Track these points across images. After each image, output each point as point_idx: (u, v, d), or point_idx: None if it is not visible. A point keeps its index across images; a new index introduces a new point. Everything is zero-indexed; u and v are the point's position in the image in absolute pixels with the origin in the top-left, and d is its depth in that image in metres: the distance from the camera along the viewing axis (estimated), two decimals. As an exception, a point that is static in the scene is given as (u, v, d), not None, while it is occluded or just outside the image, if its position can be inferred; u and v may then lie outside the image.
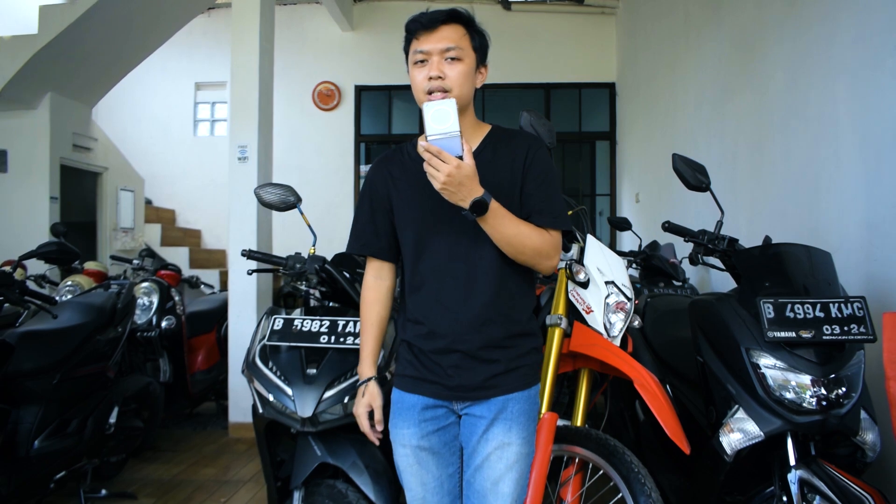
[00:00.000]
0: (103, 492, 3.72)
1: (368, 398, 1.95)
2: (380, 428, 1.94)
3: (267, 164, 5.48)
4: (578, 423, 2.40)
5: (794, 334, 2.21)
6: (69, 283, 4.81)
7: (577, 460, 2.26)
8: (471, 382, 1.88)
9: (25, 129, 6.79)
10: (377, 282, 2.04)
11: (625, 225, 4.81)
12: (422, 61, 1.88)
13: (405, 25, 1.95)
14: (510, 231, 1.82)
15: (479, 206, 1.72)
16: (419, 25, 1.90)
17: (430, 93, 1.85)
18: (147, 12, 6.75)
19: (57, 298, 3.95)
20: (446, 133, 1.68)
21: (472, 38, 1.94)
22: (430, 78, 1.85)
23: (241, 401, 5.14)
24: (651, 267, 4.46)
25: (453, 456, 1.96)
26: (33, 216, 6.70)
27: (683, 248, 4.45)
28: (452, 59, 1.88)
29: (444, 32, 1.89)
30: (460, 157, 1.67)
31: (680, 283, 4.36)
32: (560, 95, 9.27)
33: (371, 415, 1.98)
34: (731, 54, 4.79)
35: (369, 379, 1.97)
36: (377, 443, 1.98)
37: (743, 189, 4.43)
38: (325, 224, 2.54)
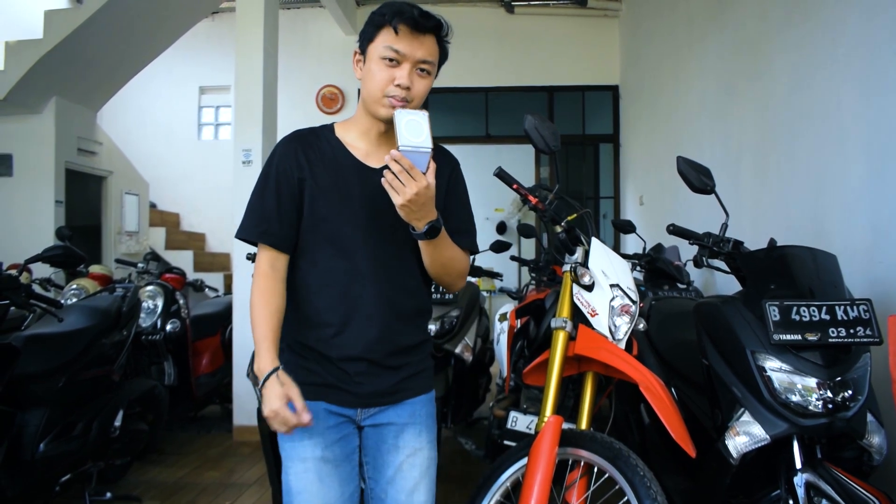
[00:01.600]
0: (108, 494, 3.72)
1: (285, 389, 1.67)
2: (307, 417, 1.67)
3: (271, 168, 5.48)
4: (583, 426, 2.40)
5: (799, 337, 2.21)
6: (74, 286, 4.82)
7: (582, 464, 2.25)
8: (381, 388, 1.83)
9: (31, 134, 6.81)
10: (274, 272, 1.82)
11: (629, 228, 4.80)
12: (393, 60, 1.75)
13: (378, 13, 1.78)
14: (448, 254, 1.84)
15: (434, 231, 1.71)
16: (408, 23, 1.74)
17: (389, 97, 1.76)
18: (151, 17, 6.78)
19: (62, 302, 3.95)
20: (419, 147, 1.61)
21: (441, 53, 1.86)
22: (399, 85, 1.75)
23: (245, 404, 5.15)
24: (655, 270, 4.45)
25: (354, 471, 1.85)
26: (38, 220, 6.72)
27: (688, 251, 4.44)
28: (423, 71, 1.80)
29: (427, 42, 1.79)
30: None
31: (684, 286, 4.35)
32: (563, 98, 9.27)
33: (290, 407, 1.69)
34: (734, 56, 4.79)
35: (275, 370, 1.70)
36: (311, 423, 1.69)
37: (747, 191, 4.43)
38: (329, 227, 2.54)
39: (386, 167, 1.62)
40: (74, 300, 4.52)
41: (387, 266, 1.83)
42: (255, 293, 1.79)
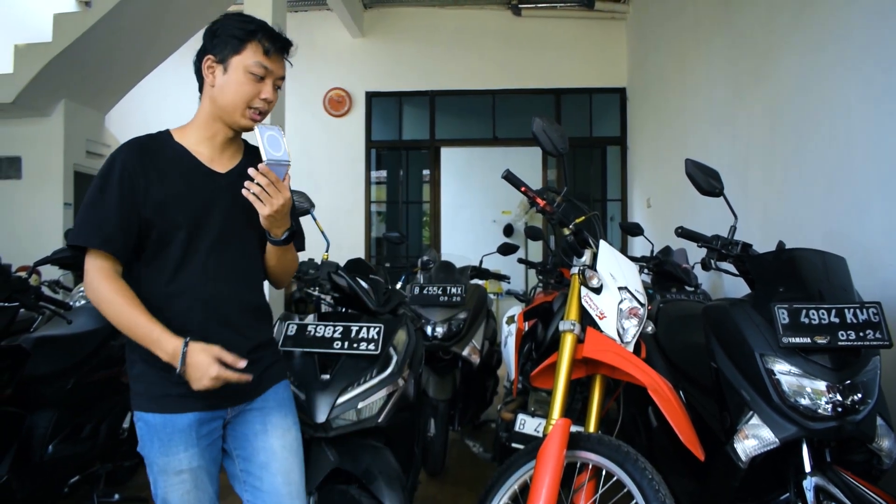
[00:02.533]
0: (116, 496, 3.72)
1: (210, 351, 1.70)
2: (242, 363, 1.73)
3: (279, 170, 5.50)
4: (591, 429, 2.39)
5: (809, 340, 2.20)
6: (83, 288, 4.82)
7: (590, 466, 2.25)
8: (247, 384, 1.83)
9: (39, 136, 6.84)
10: (117, 276, 1.79)
11: (637, 230, 4.79)
12: (260, 77, 1.85)
13: (242, 29, 1.86)
14: (290, 256, 2.00)
15: (291, 236, 1.88)
16: (276, 45, 1.86)
17: (252, 109, 1.86)
18: (160, 20, 6.80)
19: (71, 304, 3.96)
20: (280, 161, 1.76)
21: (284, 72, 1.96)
22: (264, 99, 1.86)
23: None
24: (663, 272, 4.43)
25: (217, 472, 1.90)
26: (47, 222, 6.74)
27: (695, 254, 4.43)
28: (277, 87, 1.91)
29: (283, 61, 1.91)
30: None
31: (692, 289, 4.33)
32: (570, 100, 9.26)
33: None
34: (742, 58, 4.78)
35: (186, 341, 1.71)
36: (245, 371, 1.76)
37: (755, 194, 4.41)
38: (334, 229, 2.55)
39: (238, 172, 1.80)
40: (83, 302, 4.53)
41: (237, 268, 1.90)
42: (109, 295, 1.75)
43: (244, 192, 1.75)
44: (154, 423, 1.81)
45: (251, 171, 1.74)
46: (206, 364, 1.69)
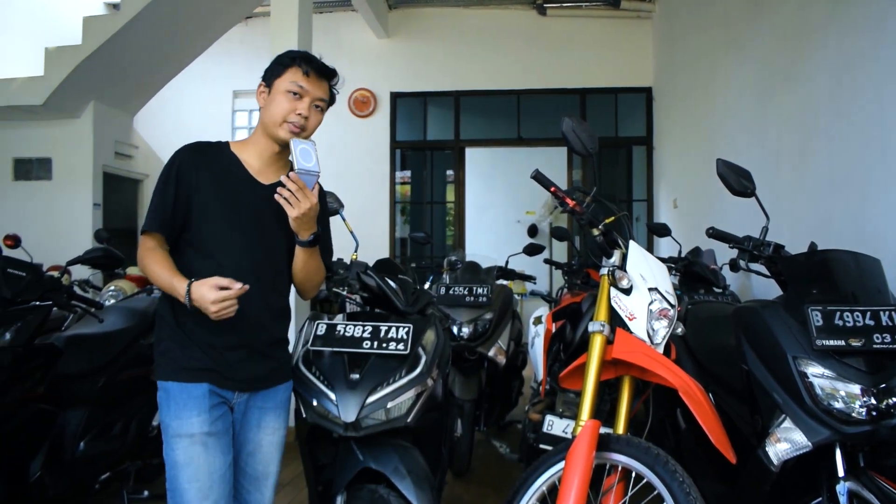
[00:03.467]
0: (146, 493, 3.75)
1: (208, 282, 1.93)
2: (238, 284, 1.94)
3: (305, 170, 5.52)
4: (621, 430, 2.37)
5: (843, 343, 2.17)
6: (112, 287, 4.89)
7: (619, 468, 2.23)
8: (256, 374, 2.15)
9: (69, 138, 6.95)
10: (158, 246, 2.11)
11: (664, 231, 4.76)
12: (297, 94, 2.12)
13: (287, 56, 2.17)
14: (315, 263, 2.22)
15: (317, 240, 2.12)
16: (313, 68, 2.14)
17: (289, 123, 2.12)
18: (187, 22, 6.86)
19: (101, 302, 4.01)
20: (310, 171, 2.00)
21: (331, 97, 2.26)
22: (299, 114, 2.12)
23: None
24: (691, 273, 4.40)
25: (230, 443, 2.13)
26: (77, 222, 6.83)
27: (724, 255, 4.39)
28: (317, 107, 2.19)
29: (324, 85, 2.20)
30: None
31: (720, 290, 4.30)
32: (596, 100, 9.21)
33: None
34: (772, 57, 4.73)
35: (190, 282, 1.96)
36: (248, 288, 1.97)
37: (786, 195, 4.36)
38: (359, 229, 2.56)
39: (280, 184, 1.99)
40: (112, 301, 4.58)
41: (265, 268, 2.15)
42: (148, 260, 2.05)
43: (276, 196, 1.99)
44: (172, 390, 2.07)
45: (282, 177, 1.99)
46: (206, 293, 1.92)
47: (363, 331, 2.33)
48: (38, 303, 3.20)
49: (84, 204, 6.95)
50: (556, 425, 2.92)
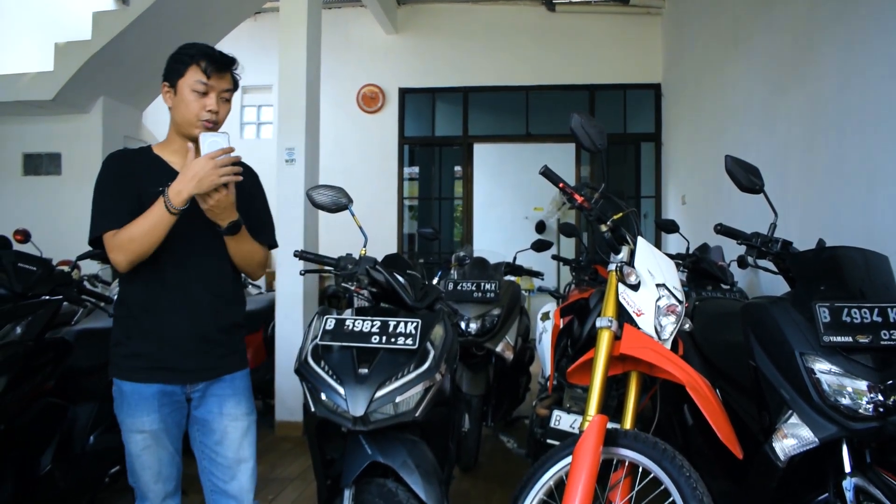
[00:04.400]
0: (155, 487, 3.78)
1: (189, 168, 2.04)
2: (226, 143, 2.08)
3: (314, 166, 5.55)
4: (628, 425, 2.38)
5: (850, 339, 2.18)
6: (122, 282, 4.90)
7: (626, 463, 2.23)
8: (209, 363, 2.25)
9: (78, 133, 6.97)
10: None
11: (672, 227, 4.76)
12: (203, 92, 2.18)
13: (185, 55, 2.20)
14: (247, 247, 2.29)
15: (235, 227, 2.17)
16: (213, 64, 2.18)
17: (202, 121, 2.19)
18: (196, 17, 6.87)
19: (111, 297, 4.03)
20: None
21: (234, 84, 2.31)
22: (210, 111, 2.18)
23: (287, 400, 5.20)
24: (699, 270, 4.40)
25: (180, 433, 2.27)
26: (87, 218, 6.74)
27: (732, 252, 4.39)
28: (225, 99, 2.25)
29: (227, 75, 2.24)
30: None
31: (728, 287, 4.30)
32: (604, 97, 9.21)
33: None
34: (781, 53, 4.72)
35: (161, 190, 2.06)
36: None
37: (795, 191, 4.36)
38: (369, 224, 2.57)
39: None
40: (122, 296, 4.60)
41: (206, 257, 2.24)
42: (122, 232, 2.08)
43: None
44: (126, 390, 2.19)
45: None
46: (196, 166, 2.03)
47: (372, 325, 2.34)
48: (48, 297, 3.23)
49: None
50: (563, 420, 2.93)
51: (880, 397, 2.15)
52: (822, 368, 2.21)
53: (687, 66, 7.65)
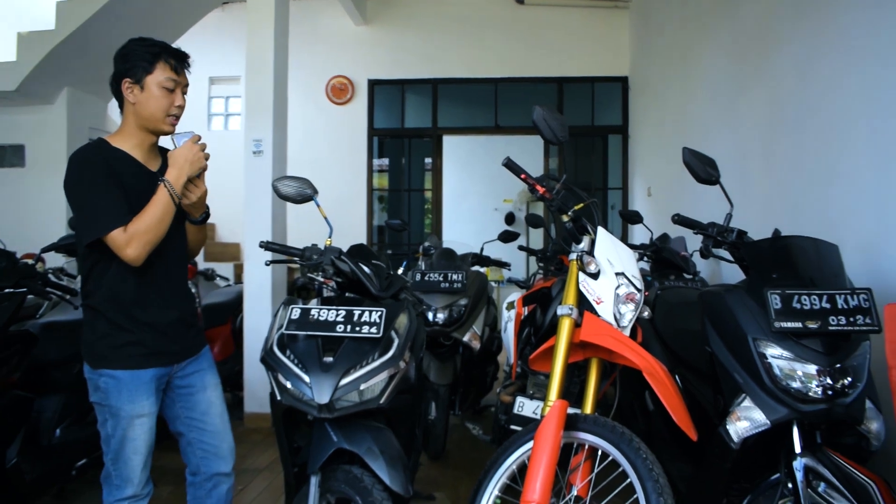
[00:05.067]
0: (123, 479, 3.78)
1: (179, 153, 2.29)
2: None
3: (281, 157, 5.55)
4: (588, 411, 2.44)
5: (800, 325, 2.25)
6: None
7: (586, 447, 2.30)
8: (190, 343, 2.46)
9: (43, 124, 6.88)
10: None
11: (636, 218, 4.84)
12: (171, 89, 2.29)
13: (149, 52, 2.29)
14: (204, 233, 2.59)
15: (206, 217, 2.45)
16: (179, 61, 2.32)
17: (170, 116, 2.33)
18: (162, 8, 6.81)
19: (77, 290, 4.02)
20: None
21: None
22: (178, 106, 2.32)
23: (256, 391, 5.21)
24: (662, 260, 4.48)
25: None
26: (51, 210, 6.78)
27: (695, 242, 4.47)
28: (184, 93, 2.37)
29: (186, 72, 2.37)
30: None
31: (691, 276, 4.38)
32: (573, 89, 9.28)
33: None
34: (744, 48, 4.81)
35: (161, 179, 2.24)
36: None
37: (755, 183, 4.45)
38: (336, 216, 2.60)
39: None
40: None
41: (177, 250, 2.42)
42: (132, 225, 2.18)
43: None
44: (123, 378, 2.28)
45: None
46: (185, 155, 2.25)
47: (337, 315, 2.37)
48: (12, 290, 3.21)
49: (58, 191, 6.73)
50: (526, 406, 2.99)
51: (829, 381, 2.23)
52: (774, 353, 2.29)
53: (653, 60, 7.74)
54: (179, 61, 2.31)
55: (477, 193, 12.40)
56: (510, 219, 12.35)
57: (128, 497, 2.32)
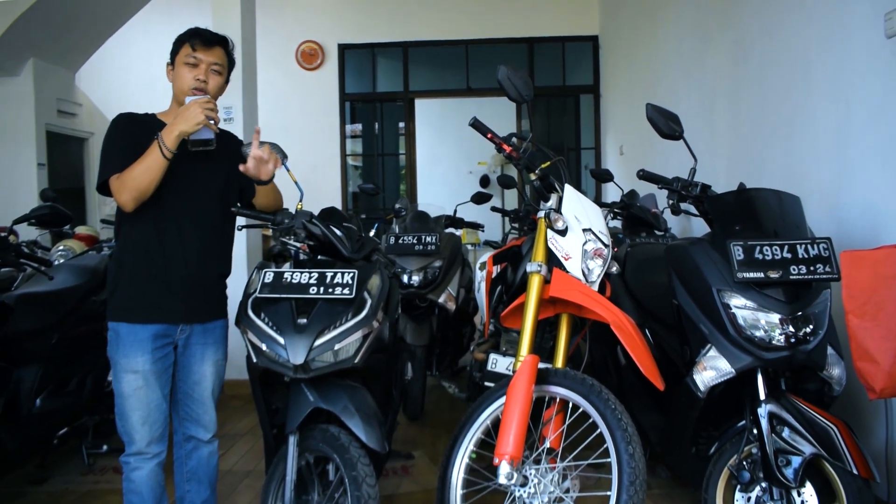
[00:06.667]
0: (104, 447, 3.82)
1: (180, 114, 2.30)
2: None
3: (252, 124, 5.50)
4: (559, 365, 2.50)
5: (762, 275, 2.32)
6: (61, 247, 4.86)
7: (557, 400, 2.35)
8: (202, 307, 2.51)
9: (9, 97, 6.78)
10: None
11: (606, 176, 4.88)
12: (193, 65, 2.44)
13: (178, 38, 2.48)
14: (274, 190, 2.60)
15: (271, 177, 2.50)
16: (200, 40, 2.45)
17: (193, 89, 2.41)
18: (126, -25, 6.71)
19: (51, 261, 4.01)
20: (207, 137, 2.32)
21: (229, 61, 2.55)
22: (198, 79, 2.43)
23: (235, 359, 5.15)
24: (633, 217, 4.53)
25: (169, 378, 2.49)
26: (22, 183, 6.71)
27: (666, 199, 4.53)
28: (215, 71, 2.48)
29: (216, 51, 2.48)
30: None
31: (662, 233, 4.44)
32: (543, 50, 9.24)
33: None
34: (709, 3, 4.83)
35: (157, 136, 2.28)
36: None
37: (721, 138, 4.51)
38: (311, 183, 2.62)
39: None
40: (61, 261, 4.57)
41: (202, 213, 2.48)
42: (125, 174, 2.29)
43: (250, 164, 2.39)
44: (121, 331, 2.39)
45: (255, 152, 2.39)
46: (181, 112, 2.29)
47: (310, 277, 2.39)
48: (-16, 262, 3.21)
49: (27, 164, 6.82)
50: (499, 363, 3.04)
51: (791, 328, 2.31)
52: (738, 304, 2.36)
53: (623, 18, 7.74)
54: (201, 40, 2.45)
55: (451, 157, 12.39)
56: (485, 181, 12.35)
57: (132, 454, 2.42)
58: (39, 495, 3.51)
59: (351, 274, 2.39)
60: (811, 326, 2.33)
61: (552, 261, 2.49)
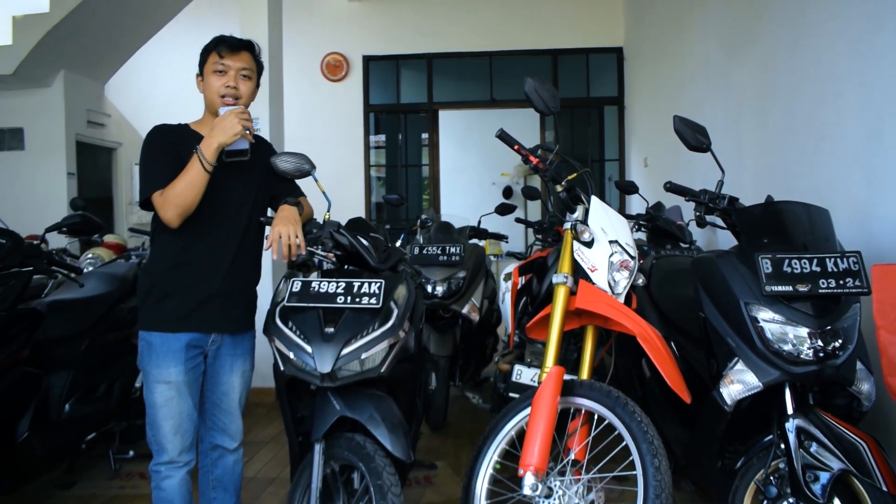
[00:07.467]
0: (131, 453, 3.87)
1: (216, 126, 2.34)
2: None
3: (278, 135, 5.56)
4: (584, 376, 2.49)
5: (790, 288, 2.29)
6: (90, 255, 4.93)
7: (582, 412, 2.35)
8: (234, 316, 2.54)
9: (40, 107, 6.91)
10: None
11: (631, 188, 4.87)
12: (222, 72, 2.46)
13: (205, 47, 2.51)
14: (306, 210, 2.68)
15: (297, 202, 2.55)
16: (226, 46, 2.46)
17: (223, 97, 2.46)
18: (156, -12, 6.81)
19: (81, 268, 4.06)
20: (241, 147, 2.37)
21: (257, 65, 2.57)
22: (228, 86, 2.46)
23: (260, 366, 5.19)
24: (658, 229, 4.51)
25: (198, 387, 2.52)
26: (52, 192, 6.83)
27: (690, 211, 4.50)
28: (244, 76, 2.50)
29: (244, 56, 2.50)
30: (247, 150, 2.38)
31: (687, 245, 4.42)
32: (567, 61, 9.25)
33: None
34: (736, 16, 4.81)
35: (196, 148, 2.31)
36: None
37: (748, 150, 4.48)
38: (336, 193, 2.64)
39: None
40: (90, 268, 4.63)
41: (237, 226, 2.51)
42: (167, 190, 2.32)
43: (271, 246, 2.43)
44: (154, 342, 2.41)
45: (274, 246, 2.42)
46: (217, 122, 2.34)
47: (337, 287, 2.42)
48: (19, 269, 3.25)
49: (58, 174, 6.93)
50: (524, 374, 3.03)
51: (819, 343, 2.28)
52: (766, 317, 2.33)
53: (647, 30, 7.73)
54: (227, 46, 2.47)
55: (474, 168, 12.42)
56: (508, 192, 12.37)
57: (164, 462, 2.44)
58: (67, 499, 3.57)
59: (378, 284, 2.41)
60: (840, 341, 2.30)
61: (578, 272, 2.49)
